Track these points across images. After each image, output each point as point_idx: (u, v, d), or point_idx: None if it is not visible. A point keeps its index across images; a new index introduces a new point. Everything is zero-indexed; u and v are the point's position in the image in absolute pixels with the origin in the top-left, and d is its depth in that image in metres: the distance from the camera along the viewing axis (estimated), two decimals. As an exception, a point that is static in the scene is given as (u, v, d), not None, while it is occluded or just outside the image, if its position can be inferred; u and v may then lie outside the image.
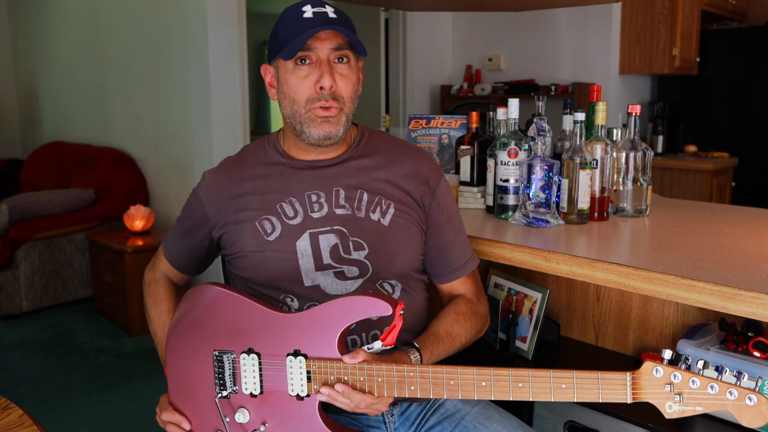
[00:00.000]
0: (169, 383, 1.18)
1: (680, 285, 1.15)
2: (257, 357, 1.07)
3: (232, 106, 3.53)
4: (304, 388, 1.05)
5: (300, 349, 1.05)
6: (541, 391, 0.93)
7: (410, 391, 0.99)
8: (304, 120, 1.16)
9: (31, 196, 3.86)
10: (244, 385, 1.08)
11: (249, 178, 1.24)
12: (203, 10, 3.37)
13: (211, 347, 1.11)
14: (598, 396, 0.89)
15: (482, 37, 4.57)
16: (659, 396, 0.87)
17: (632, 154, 1.65)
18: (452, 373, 0.98)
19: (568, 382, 0.91)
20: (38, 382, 2.85)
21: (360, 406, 1.03)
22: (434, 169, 1.29)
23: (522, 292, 1.61)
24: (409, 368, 1.00)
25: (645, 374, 0.87)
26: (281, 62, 1.17)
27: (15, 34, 5.41)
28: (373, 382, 1.01)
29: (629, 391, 0.88)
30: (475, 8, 3.71)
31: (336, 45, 1.14)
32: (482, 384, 0.96)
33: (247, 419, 1.09)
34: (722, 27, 4.26)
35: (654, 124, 4.25)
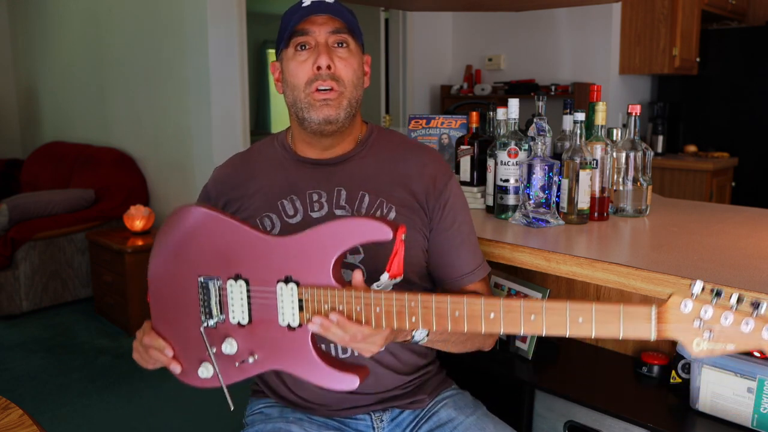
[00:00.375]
0: (151, 310, 1.11)
1: (680, 285, 1.15)
2: (245, 284, 1.00)
3: (232, 106, 3.53)
4: (295, 318, 0.97)
5: (291, 275, 0.97)
6: (555, 324, 0.84)
7: (411, 322, 0.91)
8: (304, 105, 1.15)
9: (31, 196, 3.86)
10: (231, 313, 1.01)
11: (255, 174, 1.24)
12: (203, 10, 3.37)
13: (195, 273, 1.03)
14: (619, 331, 0.81)
15: (482, 37, 4.57)
16: (687, 332, 0.78)
17: (632, 154, 1.65)
18: (458, 303, 0.89)
19: (586, 315, 0.82)
20: (38, 382, 2.85)
21: (356, 338, 0.93)
22: (442, 170, 1.24)
23: (522, 292, 1.60)
24: (410, 297, 0.90)
25: (672, 308, 0.79)
26: (284, 53, 1.18)
27: (15, 34, 5.42)
28: (370, 313, 0.92)
29: (654, 327, 0.80)
30: (475, 8, 3.71)
31: (333, 29, 1.14)
32: (491, 316, 0.87)
33: (235, 350, 1.01)
34: (722, 27, 4.26)
35: (654, 124, 4.25)
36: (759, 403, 1.21)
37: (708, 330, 0.77)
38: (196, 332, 1.03)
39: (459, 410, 1.21)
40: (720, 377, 1.26)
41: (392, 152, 1.24)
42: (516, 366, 1.53)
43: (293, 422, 1.20)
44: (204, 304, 1.03)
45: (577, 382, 1.45)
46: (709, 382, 1.27)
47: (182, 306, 1.05)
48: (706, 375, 1.27)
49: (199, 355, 1.04)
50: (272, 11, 7.80)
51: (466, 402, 1.25)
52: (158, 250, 1.09)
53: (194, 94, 3.57)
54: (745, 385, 1.23)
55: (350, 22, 1.14)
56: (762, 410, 1.21)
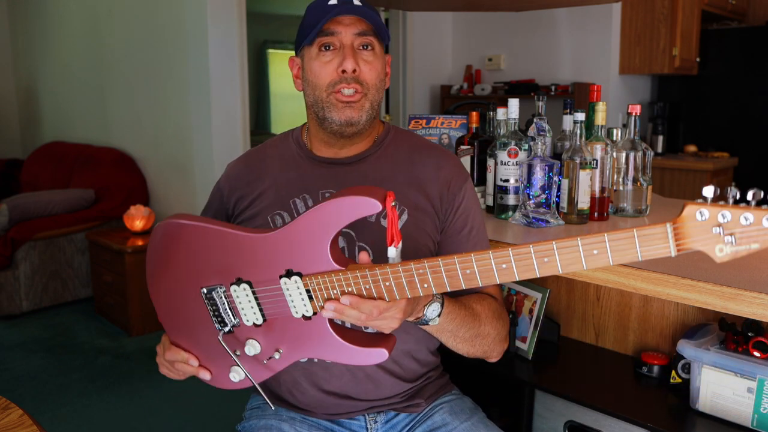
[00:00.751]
0: (164, 327, 1.09)
1: (680, 285, 1.15)
2: (248, 286, 0.98)
3: (232, 106, 3.53)
4: (308, 308, 0.95)
5: (292, 268, 0.95)
6: (570, 261, 0.81)
7: (424, 288, 0.89)
8: (326, 105, 1.13)
9: (31, 196, 3.86)
10: (244, 317, 1.00)
11: (268, 171, 1.23)
12: (203, 10, 3.37)
13: (196, 285, 1.01)
14: (637, 255, 0.78)
15: (482, 37, 4.57)
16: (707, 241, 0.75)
17: (632, 154, 1.65)
18: (466, 261, 0.86)
19: (600, 247, 0.79)
20: (38, 382, 2.85)
21: (373, 315, 0.91)
22: (457, 173, 1.21)
23: (522, 292, 1.61)
24: (416, 265, 0.88)
25: (688, 220, 0.75)
26: (306, 50, 1.15)
27: (15, 34, 5.42)
28: (380, 288, 0.90)
29: (672, 243, 0.76)
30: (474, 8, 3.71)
31: (360, 30, 1.11)
32: (503, 266, 0.85)
33: (259, 350, 1.00)
34: (722, 27, 4.26)
35: (654, 124, 4.25)
36: (759, 403, 1.21)
37: (729, 234, 0.74)
38: (216, 341, 1.03)
39: (454, 415, 1.20)
40: (720, 377, 1.26)
41: (408, 153, 1.22)
42: (516, 366, 1.53)
43: (285, 420, 1.20)
44: (215, 313, 1.02)
45: (577, 382, 1.45)
46: (709, 382, 1.27)
47: (194, 319, 1.04)
48: (706, 375, 1.27)
49: (226, 361, 1.04)
50: (272, 11, 7.81)
51: (463, 407, 1.23)
52: (152, 270, 1.08)
53: (194, 94, 3.57)
54: (745, 385, 1.23)
55: (377, 24, 1.12)
56: (762, 410, 1.21)
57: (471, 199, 1.22)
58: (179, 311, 1.05)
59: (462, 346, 1.12)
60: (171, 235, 1.03)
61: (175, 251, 1.03)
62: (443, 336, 1.10)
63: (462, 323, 1.08)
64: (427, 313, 1.01)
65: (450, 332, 1.08)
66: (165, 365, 1.11)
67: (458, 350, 1.14)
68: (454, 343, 1.12)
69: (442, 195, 1.18)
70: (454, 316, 1.06)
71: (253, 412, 1.27)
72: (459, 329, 1.09)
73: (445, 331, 1.08)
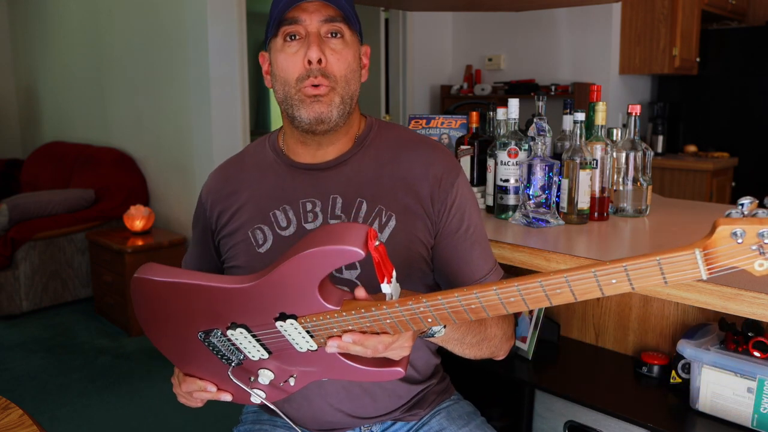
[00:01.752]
0: (174, 364, 1.06)
1: (680, 285, 1.15)
2: (245, 329, 0.93)
3: (232, 106, 3.53)
4: (312, 344, 0.91)
5: (285, 311, 0.90)
6: (586, 291, 0.73)
7: (428, 323, 0.83)
8: (294, 102, 1.05)
9: (31, 196, 3.86)
10: (249, 354, 0.96)
11: (246, 182, 1.16)
12: (203, 10, 3.37)
13: (193, 331, 0.97)
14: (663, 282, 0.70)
15: (482, 37, 4.57)
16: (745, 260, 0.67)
17: (632, 154, 1.65)
18: (469, 298, 0.79)
19: (619, 277, 0.71)
20: (38, 382, 2.85)
21: (378, 351, 0.86)
22: (449, 167, 1.12)
23: (522, 292, 1.60)
24: (414, 303, 0.82)
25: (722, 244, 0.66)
26: (272, 42, 1.07)
27: (15, 34, 5.42)
28: (382, 325, 0.85)
29: (703, 268, 0.68)
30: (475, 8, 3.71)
31: (326, 17, 1.03)
32: (510, 300, 0.77)
33: (272, 377, 0.97)
34: (722, 27, 4.26)
35: (654, 124, 4.25)
36: (759, 403, 1.21)
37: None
38: (227, 376, 1.00)
39: (451, 421, 1.17)
40: (720, 377, 1.25)
41: (394, 151, 1.13)
42: (516, 366, 1.52)
43: (280, 426, 1.19)
44: (219, 353, 0.98)
45: (577, 382, 1.45)
46: (709, 382, 1.27)
47: (202, 358, 1.01)
48: (706, 375, 1.27)
49: (244, 383, 1.01)
50: (272, 11, 7.78)
51: (461, 413, 1.20)
52: (144, 322, 1.03)
53: (194, 94, 3.57)
54: (745, 385, 1.22)
55: (345, 9, 1.04)
56: (762, 410, 1.21)
57: (465, 194, 1.13)
58: (184, 352, 1.02)
59: (469, 351, 1.08)
60: (149, 292, 0.98)
61: (159, 305, 0.98)
62: (449, 344, 1.05)
63: (468, 330, 1.03)
64: (432, 327, 0.95)
65: (456, 340, 1.04)
66: (183, 396, 1.07)
67: (465, 356, 1.09)
68: (461, 350, 1.07)
69: (433, 194, 1.10)
70: (460, 324, 1.01)
71: (248, 416, 1.26)
72: (465, 336, 1.04)
73: (452, 340, 1.03)
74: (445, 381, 1.26)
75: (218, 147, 3.50)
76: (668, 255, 0.68)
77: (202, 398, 1.05)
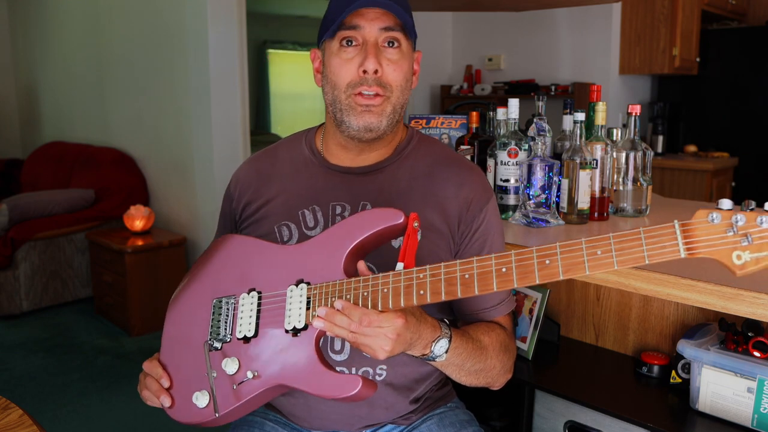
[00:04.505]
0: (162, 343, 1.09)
1: (680, 285, 1.15)
2: (257, 295, 0.99)
3: (232, 106, 3.53)
4: (301, 318, 0.93)
5: (303, 277, 0.95)
6: (572, 264, 0.77)
7: (419, 296, 0.85)
8: (344, 107, 1.05)
9: (31, 196, 3.86)
10: (238, 328, 0.99)
11: (277, 176, 1.16)
12: (203, 10, 3.37)
13: (211, 295, 1.04)
14: (644, 257, 0.73)
15: (482, 37, 4.57)
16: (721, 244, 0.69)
17: (632, 154, 1.65)
18: (467, 264, 0.83)
19: (604, 247, 0.76)
20: (38, 382, 2.85)
21: (363, 323, 0.86)
22: (481, 191, 1.12)
23: (522, 292, 1.61)
24: (418, 269, 0.86)
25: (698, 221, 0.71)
26: (327, 44, 1.07)
27: (15, 34, 5.42)
28: (377, 295, 0.87)
29: (681, 243, 0.71)
30: (474, 8, 3.71)
31: (385, 25, 1.02)
32: (503, 270, 0.81)
33: (235, 369, 0.97)
34: (722, 27, 4.26)
35: (654, 124, 4.26)
36: (759, 403, 1.21)
37: (744, 236, 0.68)
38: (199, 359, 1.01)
39: (442, 427, 1.15)
40: (720, 377, 1.25)
41: (429, 166, 1.13)
42: (516, 366, 1.52)
43: (271, 421, 1.19)
44: (213, 324, 1.02)
45: (577, 382, 1.45)
46: (709, 382, 1.27)
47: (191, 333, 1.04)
48: (706, 375, 1.27)
49: (197, 383, 1.02)
50: (272, 11, 7.80)
51: (454, 420, 1.18)
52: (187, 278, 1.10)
53: (194, 94, 3.57)
54: (745, 385, 1.23)
55: (405, 18, 1.03)
56: (762, 410, 1.21)
57: (491, 221, 1.12)
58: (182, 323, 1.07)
59: (466, 378, 1.07)
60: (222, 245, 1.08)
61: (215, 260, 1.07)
62: (448, 369, 1.05)
63: (468, 357, 1.03)
64: (434, 349, 0.96)
65: (456, 366, 1.03)
66: (141, 381, 1.08)
67: (461, 382, 1.09)
68: (458, 376, 1.07)
69: (461, 216, 1.10)
70: (461, 350, 1.01)
71: None
72: (465, 362, 1.03)
73: (452, 365, 1.03)
74: (444, 388, 1.25)
75: (218, 147, 3.50)
76: (652, 228, 0.74)
77: (149, 387, 1.05)
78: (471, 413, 1.26)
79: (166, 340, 1.08)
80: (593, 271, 0.77)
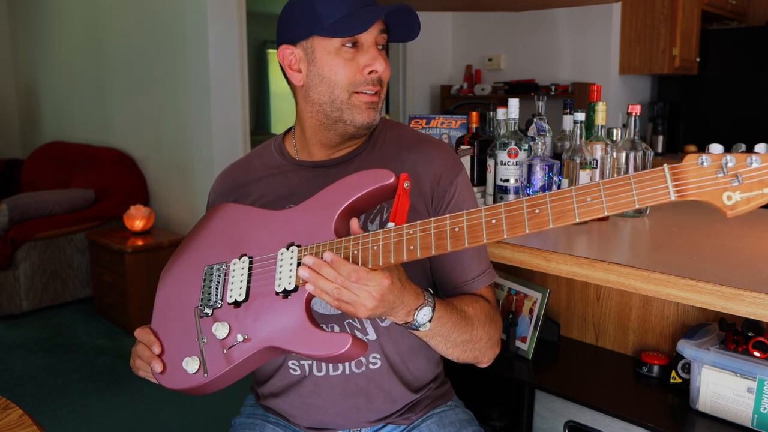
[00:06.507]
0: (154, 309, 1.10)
1: (680, 285, 1.15)
2: (248, 260, 1.00)
3: (232, 106, 3.53)
4: (292, 280, 0.93)
5: (294, 240, 0.96)
6: (562, 212, 0.77)
7: (409, 251, 0.85)
8: (345, 106, 1.06)
9: (31, 196, 3.86)
10: (229, 293, 0.99)
11: (253, 183, 1.19)
12: (203, 10, 3.37)
13: (203, 263, 1.05)
14: (634, 201, 0.73)
15: (482, 37, 4.57)
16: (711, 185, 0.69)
17: (632, 154, 1.65)
18: (457, 217, 0.83)
19: (594, 194, 0.75)
20: (38, 382, 2.85)
21: (350, 278, 0.86)
22: (449, 165, 1.14)
23: (522, 292, 1.60)
24: (408, 225, 0.86)
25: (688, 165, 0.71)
26: (318, 41, 1.05)
27: (15, 34, 5.41)
28: (367, 253, 0.88)
29: (671, 185, 0.72)
30: (474, 8, 3.71)
31: (382, 28, 1.07)
32: (492, 222, 0.81)
33: (226, 333, 0.97)
34: (722, 27, 4.26)
35: (654, 124, 4.26)
36: (759, 403, 1.21)
37: (734, 177, 0.67)
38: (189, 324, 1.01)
39: (442, 427, 1.16)
40: (720, 377, 1.26)
41: (399, 149, 1.15)
42: (516, 366, 1.53)
43: (271, 423, 1.20)
44: (204, 291, 1.03)
45: (577, 382, 1.45)
46: (709, 382, 1.27)
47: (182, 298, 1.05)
48: (706, 375, 1.27)
49: (187, 349, 1.01)
50: (272, 11, 7.80)
51: (454, 420, 1.19)
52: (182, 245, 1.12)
53: (194, 94, 3.57)
54: (745, 385, 1.23)
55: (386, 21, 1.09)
56: (762, 410, 1.21)
57: (463, 194, 1.14)
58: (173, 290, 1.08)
59: (453, 351, 1.07)
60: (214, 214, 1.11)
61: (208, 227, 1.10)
62: (434, 340, 1.04)
63: (454, 327, 1.03)
64: (417, 318, 0.96)
65: (442, 336, 1.03)
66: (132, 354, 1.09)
67: (448, 355, 1.08)
68: (445, 348, 1.06)
69: (434, 191, 1.12)
70: (446, 320, 1.01)
71: (247, 410, 1.28)
72: (451, 333, 1.03)
73: (436, 335, 1.02)
74: (444, 386, 1.25)
75: (218, 147, 3.50)
76: (641, 174, 0.74)
77: (141, 354, 1.05)
78: (470, 412, 1.26)
79: (157, 309, 1.09)
80: (583, 218, 0.77)
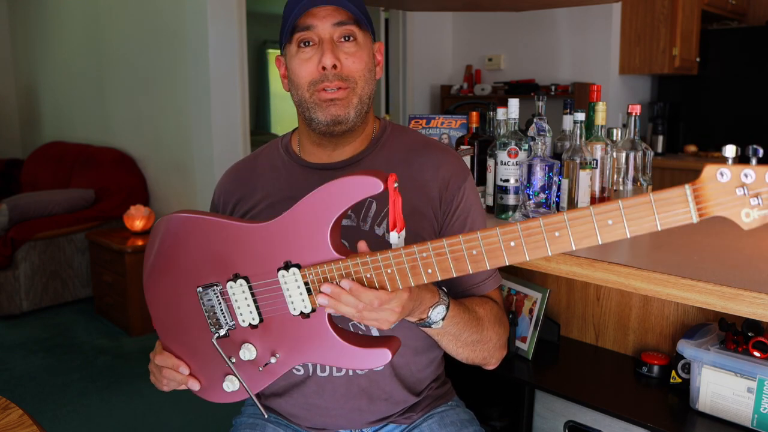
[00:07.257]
0: (158, 331, 1.06)
1: (680, 285, 1.15)
2: (245, 281, 0.94)
3: (232, 106, 3.53)
4: (306, 303, 0.90)
5: (290, 259, 0.90)
6: (583, 234, 0.75)
7: (428, 275, 0.84)
8: (310, 105, 1.08)
9: (31, 196, 3.86)
10: (240, 317, 0.96)
11: (259, 182, 1.19)
12: (203, 10, 3.37)
13: (193, 284, 0.98)
14: (656, 223, 0.72)
15: (482, 37, 4.57)
16: (731, 204, 0.69)
17: (632, 154, 1.65)
18: (472, 241, 0.81)
19: (615, 216, 0.73)
20: (38, 382, 2.85)
21: (373, 305, 0.85)
22: (457, 171, 1.14)
23: (522, 292, 1.61)
24: (420, 248, 0.83)
25: (708, 182, 0.69)
26: (287, 48, 1.10)
27: (15, 34, 5.42)
28: (382, 276, 0.85)
29: (693, 208, 0.70)
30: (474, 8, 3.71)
31: (337, 21, 1.05)
32: (511, 244, 0.79)
33: (255, 355, 0.96)
34: (722, 27, 4.26)
35: (654, 124, 4.26)
36: (759, 403, 1.21)
37: (755, 196, 0.67)
38: (210, 346, 0.99)
39: (443, 426, 1.16)
40: (720, 377, 1.26)
41: (406, 153, 1.15)
42: (516, 366, 1.53)
43: (273, 422, 1.19)
44: (210, 314, 0.98)
45: (577, 382, 1.45)
46: (709, 382, 1.27)
47: (189, 322, 1.01)
48: (706, 375, 1.27)
49: (220, 369, 1.00)
50: (272, 11, 7.80)
51: (455, 419, 1.19)
52: (150, 268, 1.05)
53: (194, 94, 3.57)
54: (745, 385, 1.23)
55: (355, 11, 1.06)
56: (762, 410, 1.21)
57: (470, 198, 1.15)
58: (174, 313, 1.03)
59: (462, 351, 1.08)
60: (171, 230, 1.01)
61: (175, 247, 1.01)
62: (444, 339, 1.05)
63: (465, 327, 1.04)
64: (431, 315, 0.97)
65: (452, 335, 1.04)
66: (154, 373, 1.08)
67: (458, 355, 1.10)
68: (455, 348, 1.07)
69: (442, 196, 1.12)
70: (458, 319, 1.02)
71: (248, 409, 1.28)
72: (462, 333, 1.04)
73: (448, 334, 1.03)
74: (444, 386, 1.25)
75: (218, 147, 3.50)
76: (661, 192, 0.72)
77: (171, 378, 1.04)
78: (471, 412, 1.26)
79: (163, 331, 1.06)
80: (606, 241, 0.75)
